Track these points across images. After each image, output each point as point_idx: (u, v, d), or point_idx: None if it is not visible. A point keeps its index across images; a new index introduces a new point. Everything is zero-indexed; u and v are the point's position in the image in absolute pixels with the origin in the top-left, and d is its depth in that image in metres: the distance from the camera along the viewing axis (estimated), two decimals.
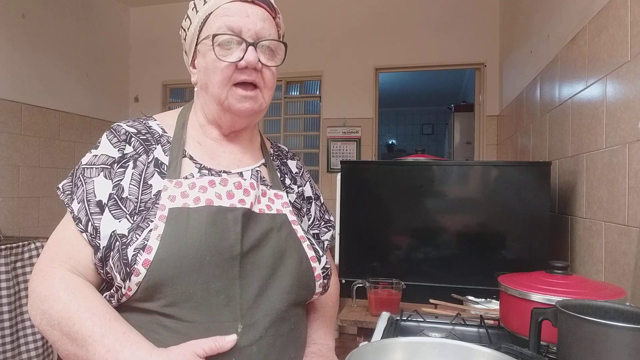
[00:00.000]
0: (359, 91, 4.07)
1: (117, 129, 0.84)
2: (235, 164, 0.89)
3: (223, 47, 0.81)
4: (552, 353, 0.94)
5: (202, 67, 0.85)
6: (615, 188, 1.34)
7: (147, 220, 0.75)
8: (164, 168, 0.81)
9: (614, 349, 0.70)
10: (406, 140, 8.74)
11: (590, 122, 1.54)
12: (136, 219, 0.76)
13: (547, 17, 2.15)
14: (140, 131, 0.85)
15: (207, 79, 0.83)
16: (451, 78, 6.13)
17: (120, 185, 0.78)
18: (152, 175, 0.80)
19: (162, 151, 0.83)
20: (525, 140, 2.56)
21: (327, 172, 4.16)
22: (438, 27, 3.87)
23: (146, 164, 0.81)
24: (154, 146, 0.83)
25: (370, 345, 0.79)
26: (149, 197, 0.78)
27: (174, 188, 0.78)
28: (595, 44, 1.51)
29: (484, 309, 1.53)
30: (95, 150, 0.82)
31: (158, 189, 0.78)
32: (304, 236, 0.86)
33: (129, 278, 0.70)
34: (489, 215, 1.73)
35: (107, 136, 0.83)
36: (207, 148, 0.88)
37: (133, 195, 0.78)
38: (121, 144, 0.82)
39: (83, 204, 0.77)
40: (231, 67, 0.81)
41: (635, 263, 1.18)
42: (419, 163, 1.86)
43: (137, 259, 0.70)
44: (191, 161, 0.84)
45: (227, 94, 0.82)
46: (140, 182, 0.79)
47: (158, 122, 0.89)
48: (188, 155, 0.85)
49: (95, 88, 4.16)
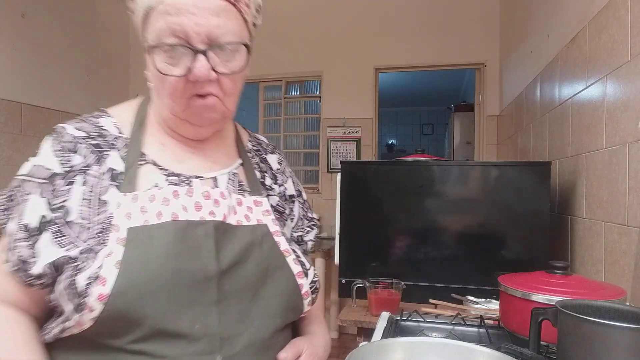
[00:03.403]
0: (359, 91, 4.07)
1: (62, 132, 0.69)
2: (208, 167, 0.76)
3: (169, 56, 0.66)
4: (552, 353, 0.94)
5: (150, 71, 0.71)
6: (615, 188, 1.34)
7: (99, 244, 0.62)
8: (119, 178, 0.68)
9: (614, 349, 0.70)
10: (406, 140, 8.74)
11: (590, 122, 1.54)
12: (87, 242, 0.63)
13: (547, 17, 2.15)
14: (91, 134, 0.70)
15: (158, 87, 0.71)
16: (451, 78, 6.12)
17: (65, 207, 0.64)
18: (106, 189, 0.66)
19: (118, 158, 0.69)
20: (525, 140, 2.56)
21: (327, 172, 4.16)
22: (438, 27, 3.88)
23: (99, 177, 0.67)
24: (107, 152, 0.69)
25: (370, 345, 0.79)
26: (105, 216, 0.64)
27: (130, 203, 0.65)
28: (595, 44, 1.51)
29: (484, 309, 1.53)
30: (35, 159, 0.68)
31: (112, 206, 0.65)
32: (289, 249, 0.75)
33: (81, 312, 0.58)
34: (489, 215, 1.73)
35: (50, 143, 0.69)
36: (172, 150, 0.75)
37: (85, 218, 0.64)
38: (66, 154, 0.67)
39: (14, 227, 0.64)
40: (181, 80, 0.66)
41: (635, 263, 1.18)
42: (419, 163, 1.86)
43: (89, 292, 0.58)
44: (155, 167, 0.71)
45: (183, 107, 0.69)
46: (93, 200, 0.65)
47: (113, 119, 0.74)
48: (150, 161, 0.71)
49: (95, 88, 4.16)
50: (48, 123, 3.61)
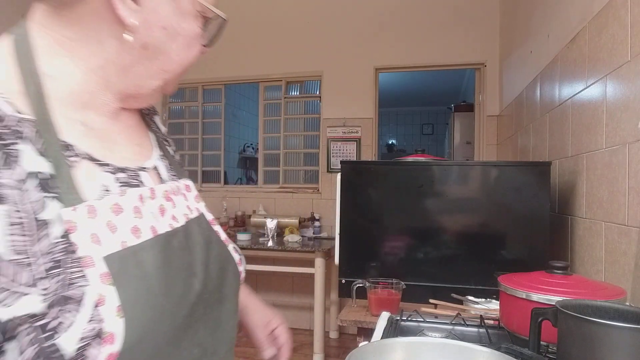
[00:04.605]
0: (359, 91, 4.07)
1: None
2: (141, 152, 0.61)
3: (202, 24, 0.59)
4: (552, 353, 0.94)
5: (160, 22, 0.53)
6: (615, 188, 1.34)
7: (70, 286, 0.43)
8: (51, 185, 0.45)
9: (614, 349, 0.70)
10: (406, 140, 8.74)
11: (590, 122, 1.54)
12: (47, 287, 0.43)
13: (547, 17, 2.15)
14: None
15: (166, 44, 0.55)
16: (451, 78, 6.13)
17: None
18: (41, 204, 0.44)
19: (35, 153, 0.46)
20: (525, 140, 2.56)
21: (327, 172, 4.16)
22: (438, 27, 3.88)
23: (18, 187, 0.43)
24: (15, 147, 0.44)
25: (370, 345, 0.79)
26: (45, 245, 0.44)
27: (88, 220, 0.46)
28: (595, 44, 1.51)
29: (484, 309, 1.53)
30: None
31: (61, 228, 0.45)
32: (227, 238, 0.67)
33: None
34: (489, 215, 1.73)
35: None
36: (99, 132, 0.54)
37: (20, 253, 0.42)
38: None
39: None
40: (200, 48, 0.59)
41: (635, 263, 1.17)
42: (419, 163, 1.86)
43: (88, 355, 0.42)
44: (90, 162, 0.51)
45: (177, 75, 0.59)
46: (26, 223, 0.43)
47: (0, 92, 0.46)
48: (83, 154, 0.51)
49: None
50: None
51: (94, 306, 0.44)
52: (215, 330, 0.60)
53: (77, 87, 0.52)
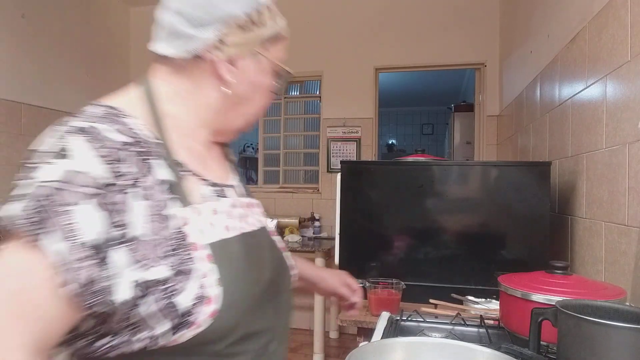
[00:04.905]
0: (359, 91, 4.07)
1: (102, 136, 0.59)
2: (225, 174, 0.79)
3: (276, 80, 0.79)
4: (552, 353, 0.94)
5: (249, 79, 0.73)
6: (615, 188, 1.34)
7: (185, 263, 0.60)
8: (174, 191, 0.63)
9: (614, 349, 0.70)
10: (406, 140, 8.74)
11: (590, 122, 1.54)
12: (168, 263, 0.59)
13: (547, 17, 2.15)
14: (132, 139, 0.62)
15: (250, 97, 0.76)
16: (451, 78, 6.13)
17: (128, 223, 0.57)
18: (165, 203, 0.62)
19: (164, 167, 0.64)
20: (525, 140, 2.56)
21: (327, 172, 4.16)
22: (438, 27, 3.88)
23: (153, 189, 0.61)
24: (151, 161, 0.62)
25: (370, 345, 0.79)
26: (170, 232, 0.61)
27: (196, 217, 0.64)
28: (595, 44, 1.51)
29: (484, 309, 1.53)
30: (67, 162, 0.56)
31: (178, 221, 0.62)
32: (283, 246, 0.84)
33: (181, 331, 0.59)
34: (489, 215, 1.73)
35: (87, 143, 0.58)
36: (197, 155, 0.73)
37: (147, 235, 0.58)
38: (113, 162, 0.58)
39: (66, 245, 0.53)
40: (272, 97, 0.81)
41: (635, 263, 1.17)
42: (419, 163, 1.86)
43: (196, 311, 0.59)
44: (195, 177, 0.69)
45: (256, 116, 0.80)
46: (156, 215, 0.60)
47: (136, 120, 0.65)
48: (189, 170, 0.69)
49: (95, 88, 4.16)
50: (48, 123, 3.60)
51: (201, 277, 0.60)
52: (277, 313, 0.76)
53: (185, 123, 0.72)
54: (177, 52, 0.70)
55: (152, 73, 0.73)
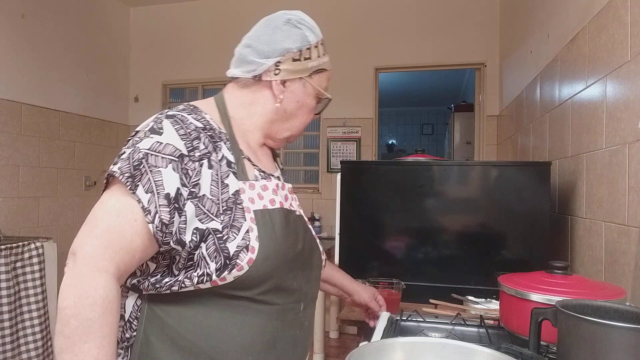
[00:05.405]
0: (359, 91, 4.07)
1: (184, 120, 0.83)
2: (273, 167, 1.01)
3: (319, 102, 1.00)
4: (552, 353, 0.94)
5: (295, 98, 0.95)
6: (615, 188, 1.34)
7: (237, 220, 0.81)
8: (233, 167, 0.85)
9: (614, 349, 0.70)
10: (406, 140, 8.74)
11: (590, 122, 1.54)
12: (224, 218, 0.80)
13: (547, 17, 2.15)
14: (205, 127, 0.85)
15: (296, 113, 0.97)
16: (451, 78, 6.13)
17: (199, 184, 0.79)
18: (227, 175, 0.83)
19: (227, 149, 0.86)
20: (525, 140, 2.56)
21: (327, 172, 4.16)
22: (438, 27, 3.88)
23: (219, 163, 0.83)
24: (219, 143, 0.85)
25: (370, 345, 0.79)
26: (228, 196, 0.82)
27: (250, 190, 0.85)
28: (595, 44, 1.51)
29: (484, 309, 1.53)
30: (158, 137, 0.79)
31: (235, 189, 0.83)
32: (315, 235, 1.02)
33: (228, 271, 0.78)
34: (489, 215, 1.73)
35: (173, 125, 0.81)
36: (253, 151, 0.95)
37: (214, 196, 0.80)
38: (191, 139, 0.81)
39: (153, 195, 0.75)
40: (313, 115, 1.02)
41: (635, 263, 1.17)
42: (419, 163, 1.86)
43: (240, 256, 0.78)
44: (249, 163, 0.90)
45: (301, 129, 1.01)
46: (219, 182, 0.82)
47: (210, 116, 0.89)
48: (246, 157, 0.90)
49: (95, 88, 4.16)
50: (48, 123, 3.62)
51: (245, 232, 0.81)
52: (307, 281, 0.93)
53: (245, 126, 0.95)
54: (244, 74, 0.94)
55: (226, 89, 0.98)
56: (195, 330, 0.80)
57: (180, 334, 0.80)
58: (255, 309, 0.83)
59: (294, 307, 0.89)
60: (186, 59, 4.48)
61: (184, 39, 4.44)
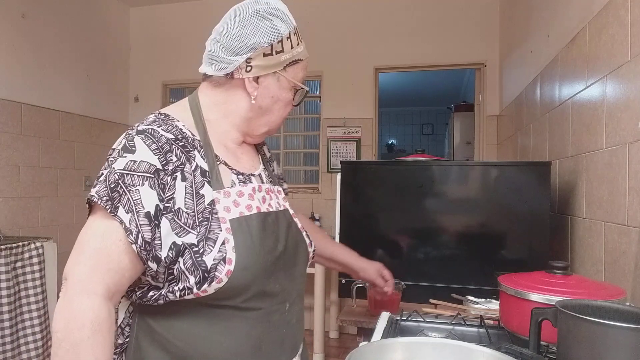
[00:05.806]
0: (359, 91, 4.07)
1: (154, 134, 0.81)
2: (253, 166, 0.98)
3: (296, 94, 0.95)
4: (552, 353, 0.94)
5: (270, 94, 0.91)
6: (615, 188, 1.34)
7: (212, 231, 0.80)
8: (207, 176, 0.84)
9: (614, 349, 0.70)
10: (406, 140, 8.74)
11: (590, 122, 1.54)
12: (200, 230, 0.80)
13: (547, 17, 2.15)
14: (177, 137, 0.83)
15: (271, 108, 0.93)
16: (451, 78, 6.12)
17: (174, 198, 0.79)
18: (201, 185, 0.82)
19: (200, 157, 0.84)
20: (525, 140, 2.56)
21: (327, 172, 4.16)
22: (438, 27, 3.88)
23: (192, 174, 0.82)
24: (192, 153, 0.84)
25: (370, 345, 0.79)
26: (203, 207, 0.81)
27: (225, 198, 0.84)
28: (595, 44, 1.51)
29: (484, 309, 1.53)
30: (132, 155, 0.78)
31: (210, 199, 0.82)
32: (302, 227, 1.00)
33: (208, 284, 0.78)
34: (489, 215, 1.73)
35: (144, 141, 0.80)
36: (231, 151, 0.93)
37: (189, 208, 0.80)
38: (164, 152, 0.80)
39: (133, 214, 0.75)
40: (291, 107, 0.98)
41: (635, 263, 1.18)
42: (419, 163, 1.86)
43: (218, 268, 0.78)
44: (226, 167, 0.89)
45: (279, 123, 0.98)
46: (193, 194, 0.81)
47: (181, 122, 0.87)
48: (223, 161, 0.88)
49: (95, 88, 4.16)
50: (48, 123, 3.61)
51: (221, 244, 0.80)
52: (291, 280, 0.93)
53: (221, 128, 0.93)
54: (215, 72, 0.91)
55: (200, 89, 0.96)
56: (183, 338, 0.82)
57: (170, 341, 0.82)
58: (240, 315, 0.84)
59: (278, 309, 0.89)
60: (186, 59, 4.48)
61: (184, 39, 4.44)
